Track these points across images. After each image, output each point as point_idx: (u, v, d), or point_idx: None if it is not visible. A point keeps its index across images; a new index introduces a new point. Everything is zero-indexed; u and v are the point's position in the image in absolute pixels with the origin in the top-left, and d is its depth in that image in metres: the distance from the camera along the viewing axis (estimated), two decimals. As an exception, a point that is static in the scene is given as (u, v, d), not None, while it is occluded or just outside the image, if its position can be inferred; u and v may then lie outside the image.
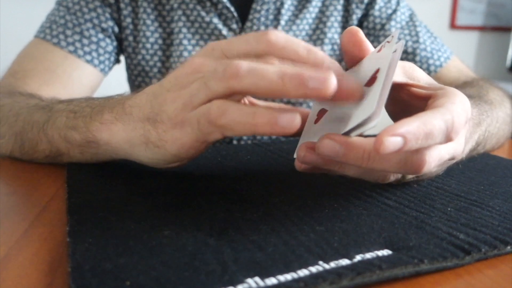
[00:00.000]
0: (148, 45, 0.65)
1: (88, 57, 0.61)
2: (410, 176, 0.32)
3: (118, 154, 0.35)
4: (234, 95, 0.28)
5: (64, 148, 0.39)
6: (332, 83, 0.24)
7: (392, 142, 0.23)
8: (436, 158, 0.28)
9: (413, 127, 0.24)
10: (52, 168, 0.42)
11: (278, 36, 0.28)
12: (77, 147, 0.37)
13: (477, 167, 0.43)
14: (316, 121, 0.31)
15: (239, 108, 0.26)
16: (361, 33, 0.30)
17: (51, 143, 0.39)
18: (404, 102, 0.33)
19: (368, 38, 0.67)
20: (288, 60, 0.28)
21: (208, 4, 0.64)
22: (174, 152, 0.31)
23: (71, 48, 0.60)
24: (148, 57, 0.66)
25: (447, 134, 0.26)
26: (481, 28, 2.26)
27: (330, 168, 0.29)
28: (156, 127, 0.31)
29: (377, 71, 0.27)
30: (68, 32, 0.61)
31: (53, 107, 0.41)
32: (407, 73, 0.32)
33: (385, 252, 0.23)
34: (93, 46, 0.62)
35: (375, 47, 0.31)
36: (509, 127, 0.52)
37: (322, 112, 0.31)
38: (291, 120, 0.24)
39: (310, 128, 0.32)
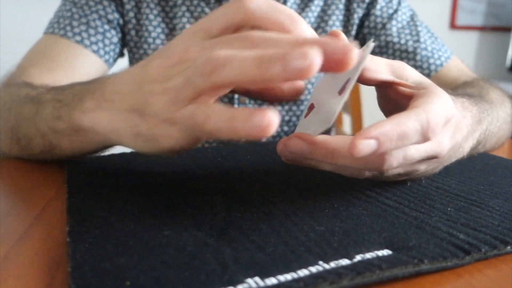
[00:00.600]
0: (150, 40, 0.66)
1: (95, 47, 0.62)
2: (391, 174, 0.32)
3: (106, 143, 0.35)
4: (221, 89, 0.27)
5: (54, 139, 0.38)
6: (315, 59, 0.21)
7: (366, 145, 0.24)
8: (398, 156, 0.29)
9: (386, 129, 0.25)
10: (52, 168, 0.42)
11: (256, 3, 0.27)
12: (66, 137, 0.37)
13: (477, 167, 0.43)
14: (306, 115, 0.32)
15: (220, 113, 0.25)
16: (343, 35, 0.30)
17: (43, 137, 0.39)
18: (395, 100, 0.33)
19: (369, 38, 0.68)
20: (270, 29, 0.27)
21: (212, 0, 0.64)
22: (168, 147, 0.30)
23: (78, 38, 0.61)
24: (150, 51, 0.66)
25: (423, 134, 0.27)
26: (481, 28, 2.26)
27: (306, 162, 0.30)
28: (145, 120, 0.29)
29: (348, 80, 0.28)
30: (75, 23, 0.62)
31: (40, 98, 0.40)
32: (395, 72, 0.33)
33: (385, 252, 0.23)
34: (99, 37, 0.63)
35: (376, 45, 0.32)
36: (509, 127, 0.52)
37: (311, 107, 0.32)
38: (261, 121, 0.22)
39: (301, 121, 0.33)
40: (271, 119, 0.22)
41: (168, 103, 0.28)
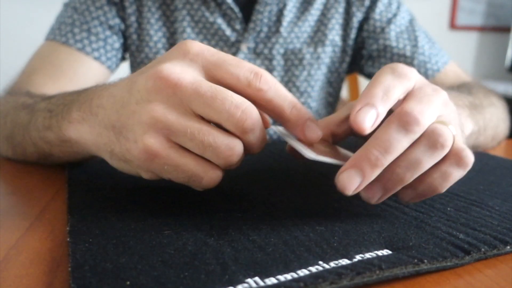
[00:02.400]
0: (152, 44, 0.66)
1: (96, 54, 0.62)
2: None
3: (90, 154, 0.34)
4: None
5: (47, 149, 0.39)
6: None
7: (364, 114, 0.26)
8: (428, 114, 0.27)
9: (369, 93, 0.26)
10: (52, 168, 0.42)
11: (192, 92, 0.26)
12: (56, 147, 0.37)
13: (476, 167, 0.43)
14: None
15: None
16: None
17: (36, 146, 0.40)
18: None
19: (368, 41, 0.68)
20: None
21: (212, 4, 0.65)
22: (141, 173, 0.29)
23: (79, 45, 0.61)
24: (151, 55, 0.66)
25: (397, 76, 0.27)
26: (481, 28, 2.26)
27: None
28: (119, 141, 0.29)
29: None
30: (76, 30, 0.62)
31: (35, 106, 0.41)
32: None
33: (385, 252, 0.23)
34: (101, 43, 0.63)
35: (375, 49, 0.32)
36: (503, 117, 0.56)
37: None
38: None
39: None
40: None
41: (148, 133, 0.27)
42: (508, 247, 0.25)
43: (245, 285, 0.20)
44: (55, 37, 0.62)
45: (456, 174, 0.27)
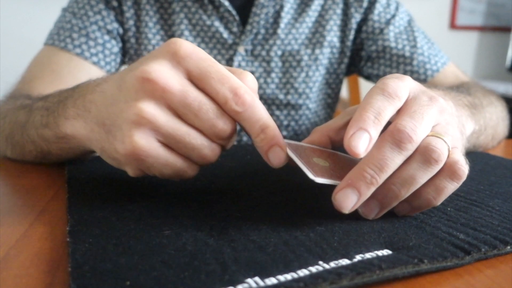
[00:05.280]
0: (150, 47, 0.66)
1: (95, 59, 0.62)
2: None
3: (87, 149, 0.35)
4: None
5: (45, 146, 0.39)
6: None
7: (359, 138, 0.26)
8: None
9: (358, 118, 0.26)
10: (52, 168, 0.42)
11: (173, 98, 0.27)
12: (54, 144, 0.37)
13: (477, 167, 0.43)
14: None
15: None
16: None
17: (35, 144, 0.40)
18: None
19: (367, 42, 0.68)
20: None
21: (210, 7, 0.65)
22: (131, 172, 0.30)
23: (78, 50, 0.61)
24: None
25: (387, 96, 0.28)
26: (481, 28, 2.26)
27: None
28: (108, 139, 0.29)
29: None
30: (75, 35, 0.62)
31: (32, 105, 0.41)
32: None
33: (385, 252, 0.23)
34: (99, 48, 0.63)
35: (373, 50, 0.32)
36: (503, 115, 0.56)
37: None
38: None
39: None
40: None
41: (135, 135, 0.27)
42: (509, 247, 0.25)
43: (245, 285, 0.20)
44: (54, 42, 0.62)
45: (450, 187, 0.28)
